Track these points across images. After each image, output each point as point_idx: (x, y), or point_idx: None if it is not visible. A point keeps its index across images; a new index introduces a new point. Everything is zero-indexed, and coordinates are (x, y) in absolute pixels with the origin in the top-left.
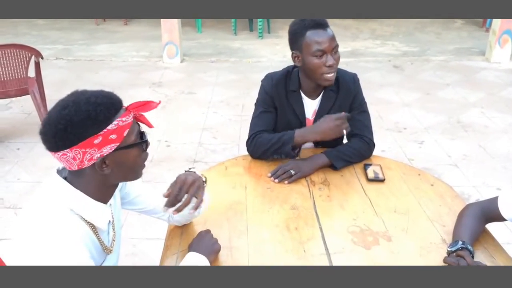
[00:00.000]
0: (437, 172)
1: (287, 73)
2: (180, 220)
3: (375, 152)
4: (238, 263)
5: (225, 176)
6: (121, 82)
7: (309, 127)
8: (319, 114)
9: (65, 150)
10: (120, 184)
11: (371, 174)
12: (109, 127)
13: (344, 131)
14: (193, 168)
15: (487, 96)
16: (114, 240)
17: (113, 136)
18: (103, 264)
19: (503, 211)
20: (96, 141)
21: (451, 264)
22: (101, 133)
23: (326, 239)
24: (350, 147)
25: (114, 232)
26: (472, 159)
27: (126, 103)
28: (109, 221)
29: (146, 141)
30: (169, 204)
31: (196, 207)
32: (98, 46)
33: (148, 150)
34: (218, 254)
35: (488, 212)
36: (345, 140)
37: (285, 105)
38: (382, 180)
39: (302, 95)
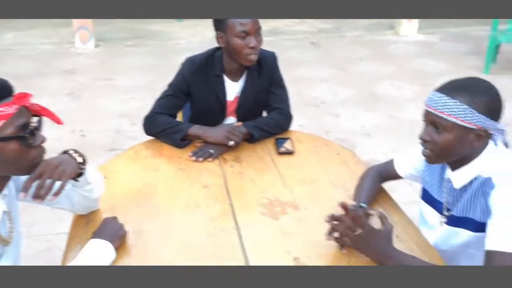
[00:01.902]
0: (352, 142)
1: (209, 56)
2: (80, 209)
3: (293, 127)
4: (146, 246)
5: (135, 160)
6: (30, 71)
7: (205, 128)
8: (243, 95)
9: None
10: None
11: (281, 148)
12: None
13: (231, 142)
14: (71, 150)
15: (397, 68)
16: (12, 232)
17: None
18: (2, 257)
19: (399, 169)
20: None
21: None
22: None
23: (236, 214)
24: (269, 118)
25: (12, 224)
26: (383, 128)
27: (35, 93)
28: (3, 211)
29: (24, 137)
30: (25, 190)
31: (56, 194)
32: (3, 35)
33: (57, 143)
34: (126, 238)
35: (386, 172)
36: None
37: (206, 89)
38: (292, 153)
39: (225, 78)
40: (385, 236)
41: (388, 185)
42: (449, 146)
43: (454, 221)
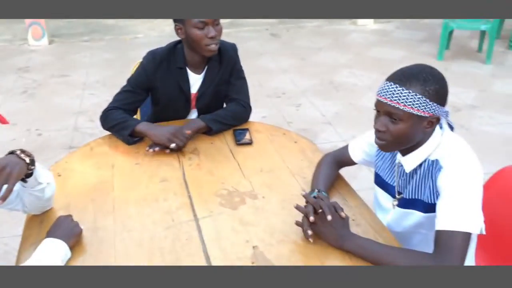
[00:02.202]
0: (313, 131)
1: (171, 49)
2: (33, 209)
3: (256, 119)
4: (102, 243)
5: (91, 157)
6: None
7: (151, 125)
8: (202, 86)
9: None
10: None
11: (239, 139)
12: None
13: (173, 145)
14: (18, 150)
15: (355, 57)
16: None
17: None
18: None
19: (352, 155)
20: None
21: (299, 209)
22: None
23: (195, 206)
24: (227, 110)
25: None
26: (343, 116)
27: None
28: None
29: None
30: None
31: (4, 198)
32: None
33: (12, 143)
34: (82, 236)
35: (341, 158)
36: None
37: (169, 82)
38: (250, 143)
39: (188, 70)
40: (343, 220)
41: (350, 171)
42: (404, 135)
43: (404, 203)
